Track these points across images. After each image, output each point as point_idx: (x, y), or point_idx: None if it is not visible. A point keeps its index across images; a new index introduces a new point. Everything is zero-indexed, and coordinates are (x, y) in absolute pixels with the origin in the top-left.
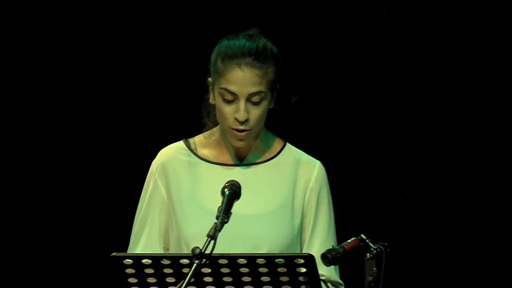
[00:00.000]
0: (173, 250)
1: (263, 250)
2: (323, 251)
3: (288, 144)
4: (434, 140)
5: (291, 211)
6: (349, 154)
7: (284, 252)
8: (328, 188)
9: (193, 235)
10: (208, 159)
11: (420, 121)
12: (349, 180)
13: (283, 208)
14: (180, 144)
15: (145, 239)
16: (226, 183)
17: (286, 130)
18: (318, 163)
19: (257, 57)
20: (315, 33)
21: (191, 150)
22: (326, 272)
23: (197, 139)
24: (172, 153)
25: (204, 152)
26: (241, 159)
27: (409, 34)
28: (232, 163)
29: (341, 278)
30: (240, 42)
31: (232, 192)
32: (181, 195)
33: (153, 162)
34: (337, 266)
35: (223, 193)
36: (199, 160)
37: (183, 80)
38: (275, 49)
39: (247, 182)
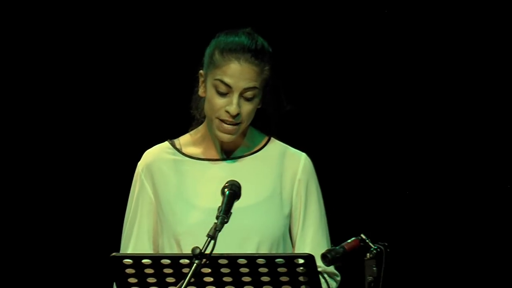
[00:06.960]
0: (165, 250)
1: (253, 241)
2: (316, 241)
3: (272, 138)
4: (434, 140)
5: (280, 202)
6: (349, 154)
7: (275, 242)
8: (316, 179)
9: (183, 231)
10: (194, 156)
11: (420, 121)
12: (349, 180)
13: (270, 199)
14: (165, 144)
15: (135, 241)
16: (226, 183)
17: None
18: (303, 155)
19: (256, 54)
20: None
21: (176, 149)
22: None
23: (182, 139)
24: (157, 153)
25: (189, 150)
26: (227, 154)
27: (408, 34)
28: (218, 157)
29: (341, 278)
30: (240, 38)
31: (232, 192)
32: (168, 193)
33: (139, 163)
34: None
35: (223, 193)
36: (184, 157)
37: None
38: (270, 50)
39: (233, 175)
